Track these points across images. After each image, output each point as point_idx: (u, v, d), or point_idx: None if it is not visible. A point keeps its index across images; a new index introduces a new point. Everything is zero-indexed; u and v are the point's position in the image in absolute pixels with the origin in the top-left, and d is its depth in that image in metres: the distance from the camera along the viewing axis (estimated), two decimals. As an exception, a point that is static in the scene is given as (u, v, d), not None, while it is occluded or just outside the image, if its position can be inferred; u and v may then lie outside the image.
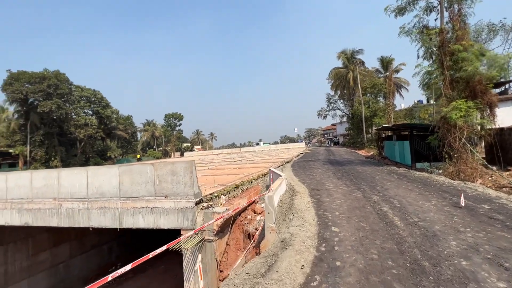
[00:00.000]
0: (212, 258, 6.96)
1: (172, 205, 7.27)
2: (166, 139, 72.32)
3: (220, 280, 7.05)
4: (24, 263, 11.98)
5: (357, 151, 26.77)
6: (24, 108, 35.73)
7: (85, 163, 42.41)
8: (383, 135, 19.74)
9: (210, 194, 8.09)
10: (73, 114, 39.80)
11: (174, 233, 7.02)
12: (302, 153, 28.87)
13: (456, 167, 8.60)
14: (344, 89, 41.54)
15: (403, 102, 49.65)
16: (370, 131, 33.19)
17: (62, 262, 13.18)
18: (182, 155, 59.45)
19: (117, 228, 7.72)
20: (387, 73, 35.41)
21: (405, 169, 11.10)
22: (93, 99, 42.87)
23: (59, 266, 13.10)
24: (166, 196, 7.37)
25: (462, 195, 5.39)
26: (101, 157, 46.47)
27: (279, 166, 15.19)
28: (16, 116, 36.38)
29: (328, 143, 69.09)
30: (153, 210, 7.45)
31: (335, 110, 46.98)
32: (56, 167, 38.23)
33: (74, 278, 13.07)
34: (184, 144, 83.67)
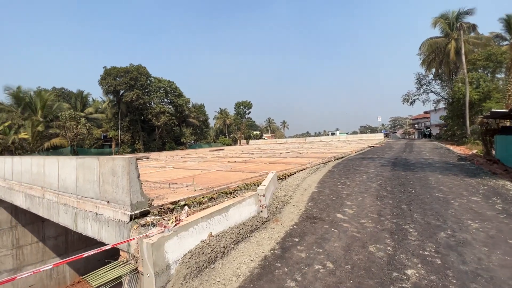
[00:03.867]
0: (146, 301, 4.81)
1: (111, 215, 5.40)
2: (236, 127, 74.64)
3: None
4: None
5: (452, 147, 19.52)
6: (116, 98, 42.06)
7: (162, 147, 47.54)
8: (497, 126, 13.05)
9: (171, 203, 5.87)
10: (152, 103, 44.61)
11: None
12: (370, 147, 23.34)
13: None
14: (442, 66, 31.65)
15: (542, 79, 34.99)
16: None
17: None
18: (247, 142, 59.96)
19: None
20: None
21: (530, 188, 6.02)
22: (168, 89, 47.01)
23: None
24: (108, 202, 5.56)
25: None
26: (176, 142, 51.28)
27: (320, 163, 11.75)
28: (111, 105, 43.30)
29: (417, 135, 56.55)
30: (98, 218, 5.78)
31: (427, 93, 36.84)
32: (139, 149, 44.09)
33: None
34: (254, 132, 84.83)
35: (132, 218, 4.92)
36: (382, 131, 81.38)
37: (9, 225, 12.83)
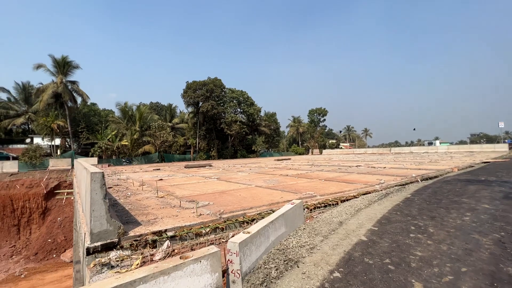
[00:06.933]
0: None
1: (83, 241, 4.48)
2: (310, 135, 71.26)
3: None
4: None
5: None
6: (195, 109, 46.25)
7: (234, 154, 49.25)
8: None
9: (155, 233, 4.53)
10: (225, 113, 47.02)
11: None
12: (485, 163, 16.91)
13: None
14: None
15: None
16: None
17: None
18: (321, 152, 55.82)
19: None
20: None
21: None
22: (241, 98, 48.70)
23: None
24: (86, 224, 4.68)
25: None
26: (247, 150, 52.39)
27: (396, 185, 8.55)
28: (191, 116, 47.90)
29: None
30: (83, 241, 5.00)
31: None
32: (213, 156, 46.90)
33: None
34: (330, 141, 79.14)
35: (89, 251, 3.71)
36: (507, 140, 62.19)
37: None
